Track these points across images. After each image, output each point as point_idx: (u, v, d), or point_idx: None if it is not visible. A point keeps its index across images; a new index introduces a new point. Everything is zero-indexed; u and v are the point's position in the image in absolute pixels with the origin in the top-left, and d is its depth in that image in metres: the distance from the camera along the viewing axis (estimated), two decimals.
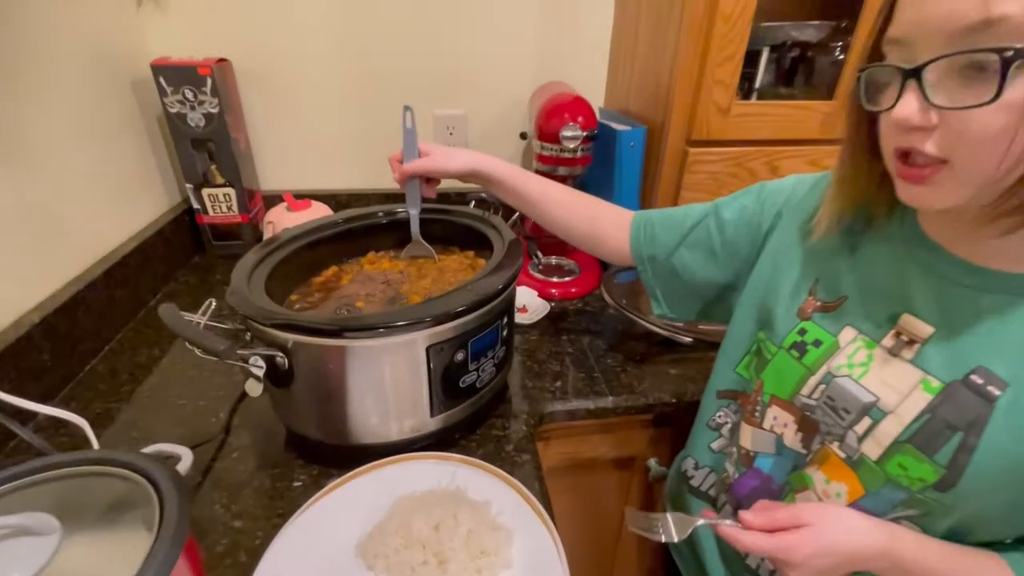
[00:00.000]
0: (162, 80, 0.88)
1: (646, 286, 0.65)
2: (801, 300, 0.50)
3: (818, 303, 0.49)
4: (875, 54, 0.38)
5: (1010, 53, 0.30)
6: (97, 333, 0.74)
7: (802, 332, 0.49)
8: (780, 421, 0.50)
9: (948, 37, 0.32)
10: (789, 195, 0.54)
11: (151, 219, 0.94)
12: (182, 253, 0.99)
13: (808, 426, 0.47)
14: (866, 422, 0.43)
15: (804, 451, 0.48)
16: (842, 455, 0.45)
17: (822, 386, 0.46)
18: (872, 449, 0.43)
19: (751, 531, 0.44)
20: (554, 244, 1.03)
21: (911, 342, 0.42)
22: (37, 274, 0.68)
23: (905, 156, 0.37)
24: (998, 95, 0.31)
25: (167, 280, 0.93)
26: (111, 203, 0.84)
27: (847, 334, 0.46)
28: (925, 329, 0.41)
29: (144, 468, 0.37)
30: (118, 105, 0.87)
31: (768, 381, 0.51)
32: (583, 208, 0.66)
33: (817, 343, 0.48)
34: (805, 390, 0.48)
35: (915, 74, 0.34)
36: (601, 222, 0.66)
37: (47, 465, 0.37)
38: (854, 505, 0.44)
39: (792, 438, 0.49)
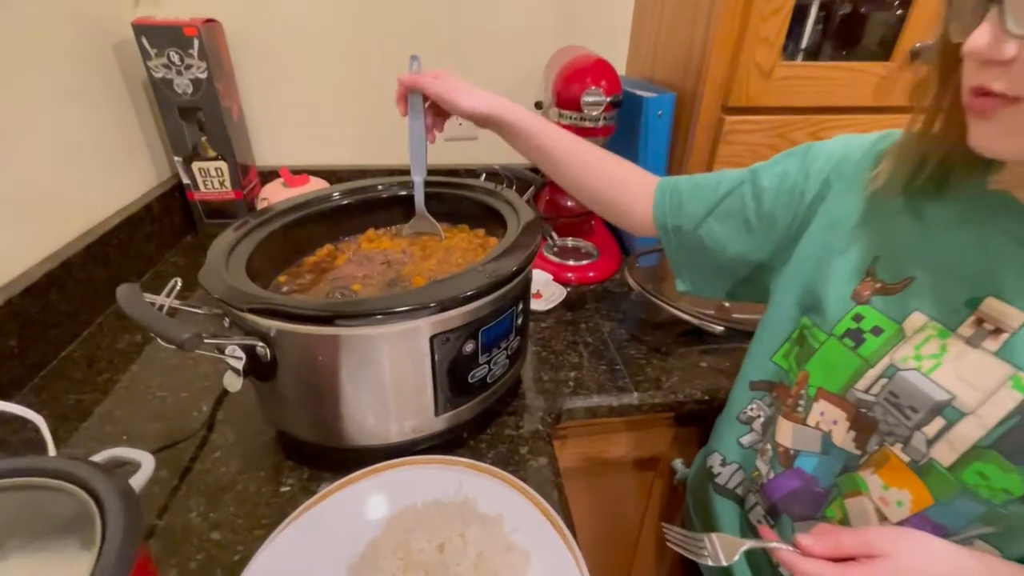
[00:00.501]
0: (145, 41, 0.81)
1: (670, 259, 0.58)
2: (857, 281, 0.43)
3: (878, 284, 0.42)
4: None
5: None
6: (75, 316, 0.68)
7: (858, 318, 0.42)
8: (828, 417, 0.44)
9: None
10: (839, 160, 0.47)
11: (138, 194, 0.87)
12: (171, 232, 0.92)
13: (864, 424, 0.41)
14: (938, 423, 0.37)
15: (858, 452, 0.42)
16: (906, 459, 0.39)
17: (883, 380, 0.40)
18: (944, 454, 0.37)
19: (813, 559, 0.37)
20: (570, 225, 0.95)
21: (997, 331, 0.36)
22: (5, 252, 0.62)
23: (983, 96, 0.32)
24: None
25: (155, 260, 0.86)
26: (92, 176, 0.77)
27: (914, 320, 0.40)
28: (1015, 315, 0.35)
29: (86, 481, 0.31)
30: (98, 68, 0.80)
31: (815, 372, 0.45)
32: (611, 170, 0.58)
33: (876, 331, 0.41)
34: (861, 384, 0.41)
35: None
36: (629, 187, 0.58)
37: None
38: (920, 516, 0.39)
39: (843, 437, 0.43)
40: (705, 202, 0.53)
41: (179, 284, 0.43)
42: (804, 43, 0.74)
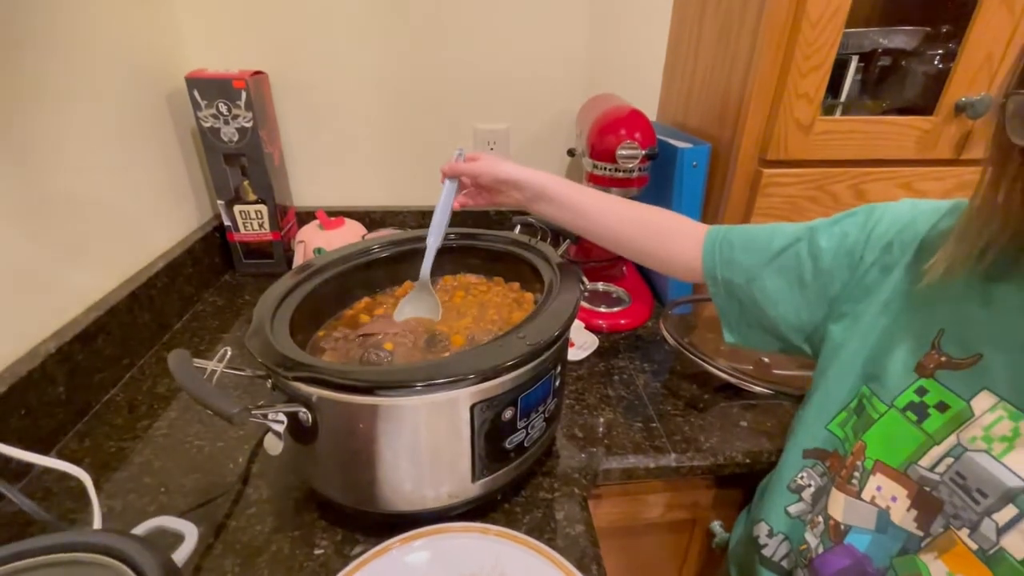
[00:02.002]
0: (196, 93, 0.85)
1: (718, 310, 0.57)
2: (921, 354, 0.42)
3: (943, 358, 0.41)
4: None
5: None
6: (118, 360, 0.70)
7: (921, 391, 0.41)
8: (886, 493, 0.42)
9: None
10: (905, 225, 0.46)
11: (181, 236, 0.90)
12: (211, 272, 0.95)
13: (927, 504, 0.39)
14: (1010, 511, 0.35)
15: (920, 533, 0.40)
16: (973, 546, 0.37)
17: (949, 459, 0.39)
18: (1017, 545, 0.35)
19: None
20: (600, 269, 0.95)
21: None
22: (58, 298, 0.64)
23: None
24: None
25: (194, 301, 0.89)
26: (140, 221, 0.81)
27: (984, 400, 0.38)
28: None
29: (131, 556, 0.31)
30: (152, 120, 0.84)
31: (873, 444, 0.43)
32: (650, 223, 0.59)
33: (942, 407, 0.40)
34: (925, 461, 0.40)
35: None
36: (672, 238, 0.58)
37: (21, 552, 0.31)
38: None
39: (903, 515, 0.41)
40: (759, 256, 0.52)
41: (229, 353, 0.44)
42: (843, 96, 0.74)
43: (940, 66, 0.74)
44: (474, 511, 0.51)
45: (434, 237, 0.59)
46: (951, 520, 0.38)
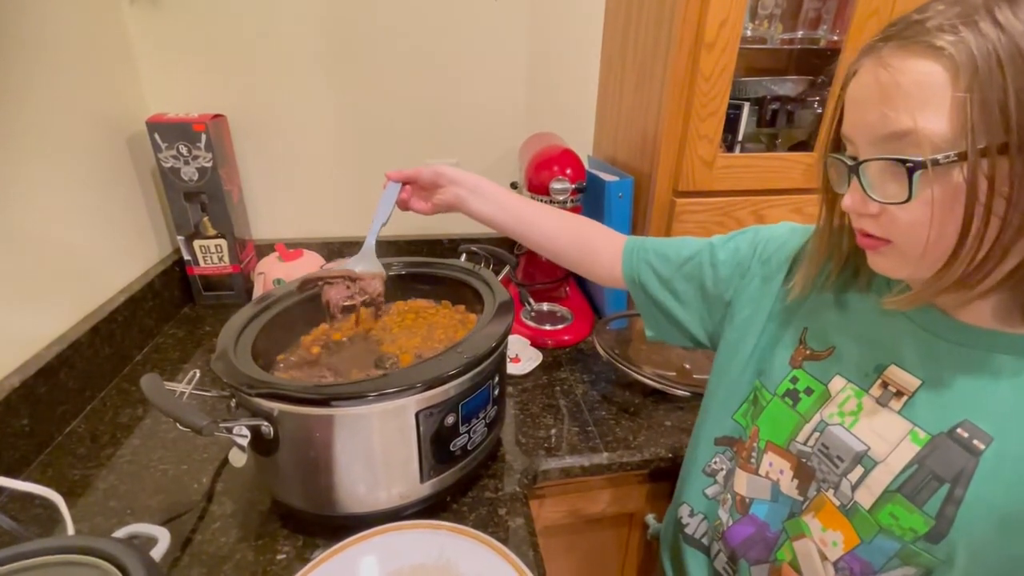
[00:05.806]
0: (157, 136, 0.89)
1: (639, 310, 0.65)
2: (793, 349, 0.52)
3: (808, 352, 0.50)
4: (838, 142, 0.42)
5: (911, 164, 0.35)
6: (80, 392, 0.73)
7: (794, 380, 0.51)
8: (776, 468, 0.51)
9: (874, 142, 0.37)
10: (781, 244, 0.55)
11: (141, 271, 0.93)
12: (171, 305, 0.98)
13: (804, 473, 0.48)
14: (858, 471, 0.44)
15: (800, 498, 0.48)
16: (837, 503, 0.45)
17: (816, 434, 0.48)
18: (865, 498, 0.44)
19: None
20: (546, 290, 1.03)
21: (899, 393, 0.43)
22: (21, 334, 0.67)
23: (866, 236, 0.41)
24: (909, 197, 0.35)
25: (154, 334, 0.92)
26: (102, 257, 0.84)
27: (836, 383, 0.48)
28: (912, 381, 0.43)
29: (115, 556, 0.36)
30: (113, 161, 0.88)
31: (764, 427, 0.52)
32: (572, 230, 0.66)
33: (808, 391, 0.49)
34: (800, 437, 0.49)
35: (855, 170, 0.38)
36: (593, 245, 0.66)
37: (13, 556, 0.35)
38: (851, 554, 0.44)
39: (788, 485, 0.49)
40: (670, 265, 0.61)
41: (198, 375, 0.49)
42: (741, 136, 0.86)
43: (819, 110, 0.87)
44: (425, 511, 0.56)
45: (379, 219, 0.65)
46: (821, 484, 0.47)
